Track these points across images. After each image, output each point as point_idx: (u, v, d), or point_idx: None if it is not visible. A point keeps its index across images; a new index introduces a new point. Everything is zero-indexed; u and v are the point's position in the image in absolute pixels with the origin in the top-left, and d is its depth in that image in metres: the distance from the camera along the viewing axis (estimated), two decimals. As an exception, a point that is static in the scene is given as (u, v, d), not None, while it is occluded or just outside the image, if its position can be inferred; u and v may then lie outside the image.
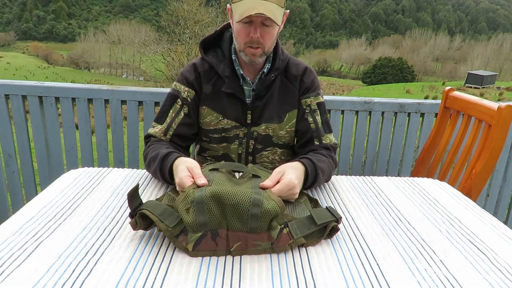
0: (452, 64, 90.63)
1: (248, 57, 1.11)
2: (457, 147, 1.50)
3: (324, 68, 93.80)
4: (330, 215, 0.77)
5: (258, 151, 1.24)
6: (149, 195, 0.96)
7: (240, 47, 1.11)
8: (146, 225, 0.73)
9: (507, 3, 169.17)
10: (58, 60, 76.42)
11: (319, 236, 0.75)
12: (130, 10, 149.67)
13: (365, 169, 2.00)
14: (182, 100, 1.18)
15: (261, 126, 1.21)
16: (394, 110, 1.91)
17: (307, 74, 1.23)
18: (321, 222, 0.75)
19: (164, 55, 23.78)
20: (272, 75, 1.18)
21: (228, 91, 1.17)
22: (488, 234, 0.83)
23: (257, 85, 1.19)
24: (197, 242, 0.69)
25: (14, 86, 1.80)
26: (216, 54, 1.21)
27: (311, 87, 1.22)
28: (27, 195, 1.98)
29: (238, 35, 1.09)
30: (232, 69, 1.18)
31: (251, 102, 1.19)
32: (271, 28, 1.07)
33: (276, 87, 1.20)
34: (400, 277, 0.65)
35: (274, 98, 1.20)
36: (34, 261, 0.64)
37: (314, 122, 1.20)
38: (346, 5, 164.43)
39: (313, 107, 1.21)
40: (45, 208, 0.84)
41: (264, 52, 1.11)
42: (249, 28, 1.06)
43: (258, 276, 0.63)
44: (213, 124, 1.20)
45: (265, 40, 1.08)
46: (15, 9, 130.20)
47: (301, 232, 0.73)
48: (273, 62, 1.19)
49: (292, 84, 1.21)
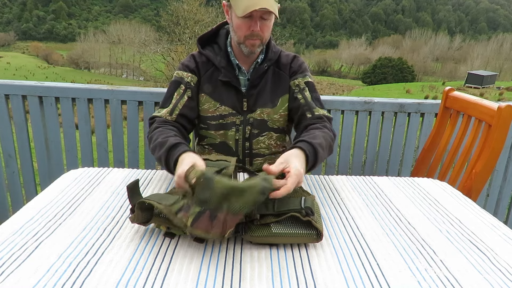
0: (452, 64, 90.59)
1: (248, 48, 1.19)
2: (457, 147, 1.50)
3: (324, 68, 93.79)
4: (297, 204, 0.78)
5: (254, 136, 1.29)
6: (149, 195, 0.96)
7: (240, 40, 1.18)
8: (146, 218, 0.73)
9: (507, 3, 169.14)
10: (58, 60, 76.38)
11: (275, 217, 0.77)
12: (130, 10, 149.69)
13: (365, 169, 2.00)
14: (185, 84, 1.24)
15: (256, 111, 1.27)
16: (394, 110, 1.91)
17: (295, 60, 1.32)
18: (279, 210, 0.77)
19: (164, 55, 23.77)
20: (265, 65, 1.27)
21: (225, 80, 1.24)
22: (488, 234, 0.83)
23: (252, 74, 1.27)
24: (196, 217, 0.68)
25: (14, 86, 1.80)
26: (212, 49, 1.30)
27: (299, 70, 1.31)
28: (27, 195, 1.98)
29: (238, 29, 1.17)
30: (228, 60, 1.26)
31: (247, 90, 1.27)
32: (268, 21, 1.17)
33: (269, 76, 1.29)
34: (400, 277, 0.65)
35: (267, 85, 1.28)
36: (34, 261, 0.64)
37: (303, 98, 1.26)
38: (346, 5, 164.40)
39: (302, 86, 1.28)
40: (45, 208, 0.84)
41: (262, 42, 1.20)
42: (250, 22, 1.14)
43: (258, 276, 0.63)
44: (210, 111, 1.26)
45: (263, 32, 1.17)
46: (15, 9, 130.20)
47: (258, 211, 0.76)
48: (266, 54, 1.29)
49: (283, 71, 1.31)
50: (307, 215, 0.76)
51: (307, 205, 0.78)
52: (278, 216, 0.77)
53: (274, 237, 0.74)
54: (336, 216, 0.89)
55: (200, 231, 0.68)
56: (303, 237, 0.74)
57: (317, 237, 0.75)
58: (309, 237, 0.74)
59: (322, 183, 1.10)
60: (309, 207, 0.78)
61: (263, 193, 0.71)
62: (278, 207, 0.78)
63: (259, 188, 0.71)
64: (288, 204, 0.79)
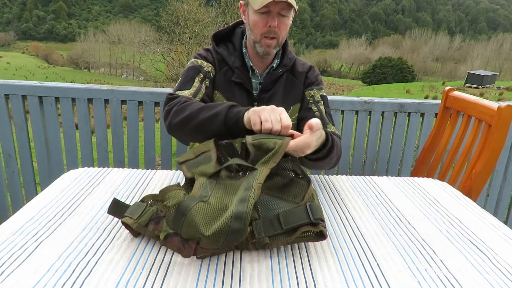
0: (452, 64, 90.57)
1: (263, 48, 1.16)
2: (457, 147, 1.50)
3: (324, 68, 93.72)
4: (305, 217, 0.69)
5: None
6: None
7: (256, 38, 1.16)
8: (134, 231, 0.73)
9: (507, 3, 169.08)
10: (58, 60, 76.37)
11: (287, 237, 0.69)
12: (130, 10, 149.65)
13: (365, 169, 2.00)
14: (204, 74, 1.19)
15: None
16: (394, 110, 1.91)
17: (311, 71, 1.31)
18: (287, 227, 0.69)
19: (164, 55, 23.76)
20: (280, 71, 1.25)
21: (237, 81, 1.22)
22: (488, 234, 0.83)
23: (265, 78, 1.25)
24: (168, 235, 0.68)
25: (14, 86, 1.80)
26: (227, 48, 1.27)
27: (315, 82, 1.29)
28: (27, 195, 1.98)
29: (255, 26, 1.14)
30: (242, 61, 1.24)
31: (258, 94, 1.25)
32: (286, 18, 1.14)
33: (282, 82, 1.26)
34: (400, 277, 0.65)
35: (279, 92, 1.26)
36: (34, 261, 0.64)
37: (318, 111, 1.24)
38: (346, 5, 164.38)
39: (317, 98, 1.27)
40: (45, 208, 0.84)
41: (278, 43, 1.17)
42: (267, 18, 1.11)
43: (258, 276, 0.63)
44: None
45: (280, 31, 1.14)
46: (15, 9, 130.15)
47: (265, 232, 0.69)
48: (281, 59, 1.26)
49: (298, 79, 1.28)
50: (318, 224, 0.70)
51: (317, 216, 0.70)
52: (289, 234, 0.69)
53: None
54: (336, 216, 0.89)
55: (172, 247, 0.68)
56: (307, 237, 0.72)
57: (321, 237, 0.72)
58: (312, 237, 0.72)
59: (322, 183, 1.10)
60: (319, 217, 0.70)
61: (238, 218, 0.63)
62: (285, 223, 0.70)
63: (234, 215, 0.64)
64: (294, 217, 0.70)
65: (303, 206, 0.72)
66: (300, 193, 0.80)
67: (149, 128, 1.83)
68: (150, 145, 1.87)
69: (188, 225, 0.66)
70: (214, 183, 0.77)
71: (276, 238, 0.69)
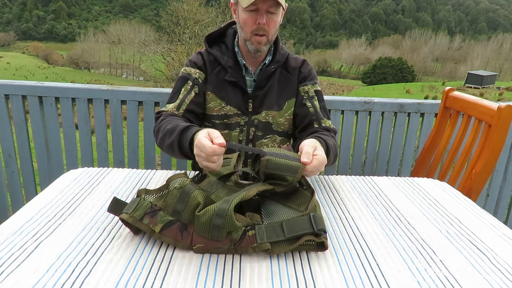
0: (452, 64, 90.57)
1: (253, 45, 1.18)
2: (457, 147, 1.50)
3: (324, 68, 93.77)
4: (308, 227, 0.70)
5: (258, 138, 1.29)
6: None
7: (246, 36, 1.18)
8: (134, 228, 0.73)
9: (507, 3, 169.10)
10: (58, 60, 76.35)
11: (289, 245, 0.69)
12: (130, 10, 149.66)
13: (365, 169, 2.00)
14: (193, 81, 1.24)
15: (262, 113, 1.26)
16: (394, 110, 1.91)
17: (304, 65, 1.32)
18: (290, 235, 0.69)
19: (164, 55, 23.79)
20: (272, 67, 1.26)
21: (231, 80, 1.24)
22: (488, 234, 0.83)
23: (258, 75, 1.26)
24: (165, 225, 0.69)
25: (14, 86, 1.80)
26: (220, 48, 1.29)
27: (309, 76, 1.30)
28: (27, 195, 1.98)
29: (244, 24, 1.16)
30: (235, 60, 1.26)
31: (252, 91, 1.26)
32: (275, 15, 1.15)
33: (276, 78, 1.28)
34: (400, 277, 0.65)
35: (274, 87, 1.27)
36: (34, 261, 0.64)
37: (312, 106, 1.26)
38: (346, 5, 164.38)
39: (311, 93, 1.28)
40: (45, 208, 0.84)
41: (268, 40, 1.19)
42: (256, 16, 1.13)
43: (258, 276, 0.63)
44: (216, 110, 1.26)
45: (270, 28, 1.16)
46: (15, 9, 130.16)
47: (268, 237, 0.69)
48: (273, 55, 1.28)
49: (291, 74, 1.29)
50: (320, 235, 0.71)
51: (320, 226, 0.71)
52: (291, 242, 0.69)
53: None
54: (336, 216, 0.89)
55: (168, 239, 0.69)
56: (308, 246, 0.72)
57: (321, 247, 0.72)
58: (313, 247, 0.72)
59: (322, 183, 1.10)
60: (322, 228, 0.71)
61: (219, 215, 0.67)
62: (289, 231, 0.70)
63: (215, 212, 0.68)
64: (298, 225, 0.71)
65: (307, 216, 0.73)
66: (304, 203, 0.81)
67: (149, 128, 1.83)
68: (150, 145, 1.87)
69: (190, 205, 0.70)
70: (221, 185, 0.85)
71: (277, 245, 0.69)
